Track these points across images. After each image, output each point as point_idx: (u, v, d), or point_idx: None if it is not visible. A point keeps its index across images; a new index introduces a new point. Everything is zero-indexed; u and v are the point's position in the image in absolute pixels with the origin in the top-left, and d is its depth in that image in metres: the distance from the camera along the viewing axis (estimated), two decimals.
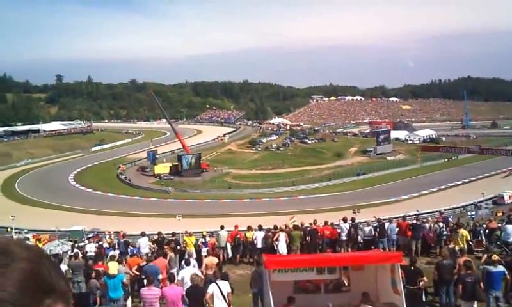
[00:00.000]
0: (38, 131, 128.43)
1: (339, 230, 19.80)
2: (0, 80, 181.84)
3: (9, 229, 35.14)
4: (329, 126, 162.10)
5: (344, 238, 19.59)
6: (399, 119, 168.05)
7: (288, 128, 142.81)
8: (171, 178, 77.74)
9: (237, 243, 19.79)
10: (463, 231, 18.18)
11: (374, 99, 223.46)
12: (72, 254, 18.19)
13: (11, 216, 37.11)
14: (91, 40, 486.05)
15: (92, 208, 56.47)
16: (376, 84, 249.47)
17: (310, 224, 20.73)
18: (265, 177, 78.03)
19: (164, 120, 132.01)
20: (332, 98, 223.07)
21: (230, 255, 19.70)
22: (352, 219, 20.71)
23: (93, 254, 20.34)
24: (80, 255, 17.63)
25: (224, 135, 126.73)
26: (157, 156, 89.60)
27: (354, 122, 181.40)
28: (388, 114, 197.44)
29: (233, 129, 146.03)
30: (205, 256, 15.87)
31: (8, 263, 0.89)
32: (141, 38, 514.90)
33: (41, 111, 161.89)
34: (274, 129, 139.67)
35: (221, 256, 18.64)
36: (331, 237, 19.80)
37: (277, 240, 18.24)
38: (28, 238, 25.78)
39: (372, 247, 18.85)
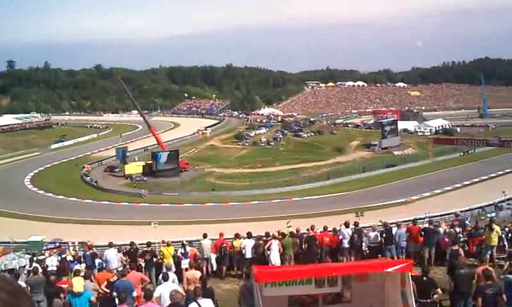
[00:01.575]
0: None
1: (340, 237, 19.81)
2: None
3: None
4: (327, 117, 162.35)
5: (346, 245, 19.62)
6: (407, 108, 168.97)
7: (279, 119, 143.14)
8: (145, 179, 77.57)
9: (222, 253, 19.77)
10: (497, 228, 18.48)
11: (378, 85, 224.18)
12: (31, 269, 18.03)
13: None
14: (47, 20, 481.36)
15: (53, 216, 55.93)
16: (380, 68, 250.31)
17: (307, 230, 20.73)
18: (253, 176, 78.26)
19: (136, 112, 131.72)
20: (330, 84, 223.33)
21: (215, 267, 19.69)
22: (355, 224, 20.75)
23: (55, 268, 20.20)
24: (40, 270, 17.47)
25: (206, 128, 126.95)
26: (128, 154, 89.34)
27: (355, 111, 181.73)
28: (394, 101, 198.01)
29: (215, 121, 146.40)
30: (186, 270, 15.84)
31: None
32: (106, 17, 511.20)
33: None
34: (264, 121, 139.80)
35: (205, 269, 18.60)
36: (331, 245, 19.83)
37: (269, 249, 18.27)
38: None
39: (379, 255, 18.96)
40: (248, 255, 18.76)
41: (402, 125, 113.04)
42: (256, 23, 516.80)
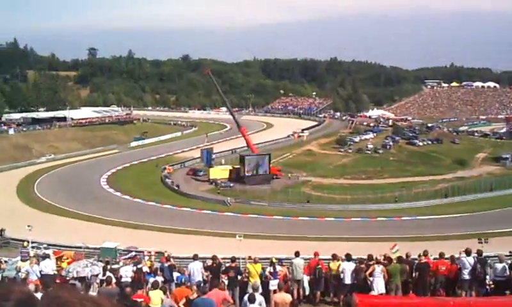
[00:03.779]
0: (64, 119, 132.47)
1: (460, 266, 19.26)
2: (21, 54, 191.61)
3: (25, 243, 36.58)
4: (448, 123, 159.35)
5: (467, 277, 19.00)
6: None
7: (390, 123, 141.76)
8: (231, 185, 79.05)
9: (317, 276, 19.69)
10: None
11: None
12: (104, 278, 18.85)
13: (28, 226, 38.67)
14: (132, 6, 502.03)
15: (129, 221, 58.47)
16: None
17: (419, 255, 20.32)
18: (356, 189, 77.68)
19: (225, 109, 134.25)
20: (454, 84, 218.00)
21: (308, 291, 19.66)
22: (478, 252, 20.08)
23: (130, 280, 20.96)
24: (114, 280, 18.23)
25: (303, 130, 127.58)
26: (214, 156, 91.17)
27: (484, 118, 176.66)
28: None
29: (314, 123, 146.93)
30: (275, 292, 15.91)
31: None
32: (195, 3, 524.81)
33: (69, 94, 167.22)
34: (371, 125, 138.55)
35: (296, 292, 18.61)
36: (448, 275, 19.32)
37: (372, 275, 18.02)
38: (48, 255, 26.95)
39: (506, 291, 18.23)
40: (347, 280, 18.56)
41: None
42: (366, 11, 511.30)
